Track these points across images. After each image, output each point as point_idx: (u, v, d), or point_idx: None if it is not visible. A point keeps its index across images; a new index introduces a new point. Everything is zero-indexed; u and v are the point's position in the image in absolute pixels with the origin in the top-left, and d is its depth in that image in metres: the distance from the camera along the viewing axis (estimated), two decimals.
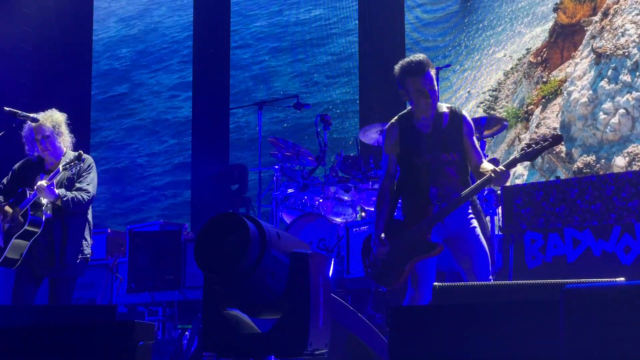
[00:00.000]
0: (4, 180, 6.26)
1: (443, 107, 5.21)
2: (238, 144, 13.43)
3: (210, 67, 13.04)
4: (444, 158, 5.06)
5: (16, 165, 6.31)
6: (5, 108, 6.12)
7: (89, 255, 6.17)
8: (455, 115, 5.16)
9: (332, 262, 7.76)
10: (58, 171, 5.92)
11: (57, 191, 5.90)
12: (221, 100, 12.76)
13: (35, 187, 5.87)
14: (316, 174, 8.88)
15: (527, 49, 11.55)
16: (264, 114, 9.49)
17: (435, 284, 4.05)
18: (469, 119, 5.25)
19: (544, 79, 11.34)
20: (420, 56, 5.16)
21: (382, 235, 5.07)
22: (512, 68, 11.66)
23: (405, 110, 5.30)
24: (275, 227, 3.74)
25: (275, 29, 14.10)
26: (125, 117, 14.97)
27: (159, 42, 15.14)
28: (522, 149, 4.95)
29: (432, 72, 5.12)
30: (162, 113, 14.61)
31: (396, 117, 5.30)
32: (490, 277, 5.16)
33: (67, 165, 5.91)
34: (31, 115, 6.11)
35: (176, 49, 14.87)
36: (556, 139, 4.88)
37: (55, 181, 5.96)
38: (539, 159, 10.49)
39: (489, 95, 11.63)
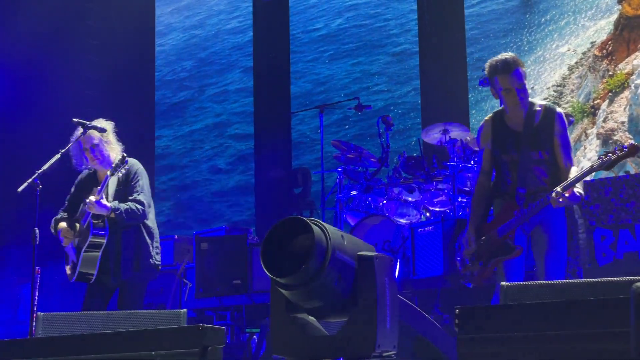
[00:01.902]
0: (68, 197, 6.34)
1: (537, 103, 5.16)
2: (300, 148, 13.48)
3: (271, 72, 13.12)
4: (532, 156, 5.02)
5: (77, 180, 6.39)
6: (73, 119, 6.23)
7: (157, 262, 6.17)
8: (548, 112, 5.09)
9: (398, 263, 7.73)
10: (107, 179, 5.90)
11: (108, 205, 5.89)
12: (282, 104, 12.83)
13: (87, 202, 5.89)
14: (379, 175, 8.86)
15: (591, 43, 11.35)
16: (325, 117, 9.51)
17: (503, 283, 4.01)
18: (564, 117, 5.15)
19: (610, 73, 11.12)
20: (508, 55, 5.15)
21: (472, 234, 5.06)
22: (576, 62, 11.47)
23: (500, 108, 5.29)
24: (340, 230, 3.75)
25: (334, 31, 14.12)
26: (188, 124, 15.15)
27: (218, 49, 15.29)
28: (599, 158, 4.85)
29: (522, 69, 5.08)
30: (224, 119, 14.74)
31: (491, 114, 5.30)
32: (567, 275, 5.12)
33: (114, 171, 5.90)
34: (99, 125, 6.21)
35: (237, 55, 15.00)
36: (633, 149, 4.73)
37: (108, 192, 5.99)
38: None
39: (554, 91, 11.46)
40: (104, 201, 5.87)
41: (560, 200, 4.71)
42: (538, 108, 5.10)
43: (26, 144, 11.02)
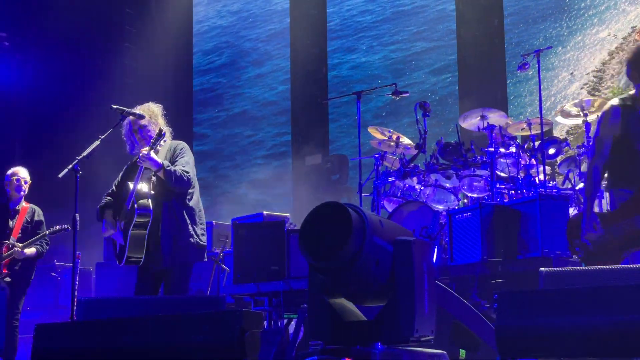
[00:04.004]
0: (115, 182, 6.40)
1: None
2: (337, 134, 13.47)
3: (308, 58, 13.12)
4: None
5: (126, 165, 6.44)
6: (112, 106, 6.29)
7: (201, 242, 6.14)
8: None
9: (435, 250, 7.70)
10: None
11: (159, 160, 5.92)
12: (319, 90, 12.83)
13: (139, 155, 5.92)
14: (417, 161, 8.83)
15: (632, 27, 11.17)
16: (363, 104, 9.49)
17: (542, 269, 3.98)
18: None
19: None
20: None
21: (597, 218, 4.96)
22: (617, 47, 11.30)
23: (626, 95, 5.15)
24: (378, 215, 3.74)
25: (371, 17, 14.06)
26: (225, 111, 15.20)
27: (255, 36, 15.31)
28: None
29: None
30: (261, 106, 14.77)
31: (617, 99, 5.13)
32: None
33: (152, 145, 5.93)
34: (137, 112, 6.26)
35: (274, 42, 15.01)
36: None
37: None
38: None
39: (593, 76, 11.31)
40: (153, 155, 5.90)
41: None
42: None
43: (67, 130, 11.15)
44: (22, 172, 8.09)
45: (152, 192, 6.02)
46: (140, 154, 5.93)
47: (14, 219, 8.02)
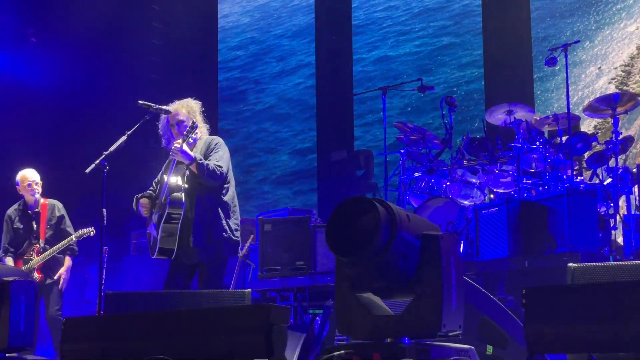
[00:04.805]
0: (155, 179, 6.41)
1: None
2: (363, 130, 13.45)
3: (333, 54, 13.10)
4: None
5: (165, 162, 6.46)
6: (139, 101, 6.31)
7: (234, 238, 6.14)
8: None
9: (461, 245, 7.67)
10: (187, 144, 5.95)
11: (191, 153, 5.94)
12: (345, 86, 12.81)
13: (172, 148, 5.94)
14: (442, 157, 8.81)
15: None
16: (388, 99, 9.47)
17: (570, 265, 3.95)
18: None
19: None
20: None
21: None
22: None
23: None
24: (404, 210, 3.73)
25: (396, 12, 14.03)
26: (250, 107, 15.23)
27: (280, 32, 15.32)
28: None
29: None
30: (286, 101, 14.78)
31: None
32: None
33: (185, 137, 5.93)
34: (164, 107, 6.28)
35: (299, 38, 15.01)
36: None
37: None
38: None
39: (621, 71, 11.21)
40: (185, 147, 5.90)
41: None
42: None
43: (93, 126, 11.22)
44: (30, 175, 8.08)
45: (186, 185, 6.03)
46: (173, 147, 5.95)
47: (37, 221, 8.07)
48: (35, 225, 8.03)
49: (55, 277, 7.97)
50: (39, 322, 7.97)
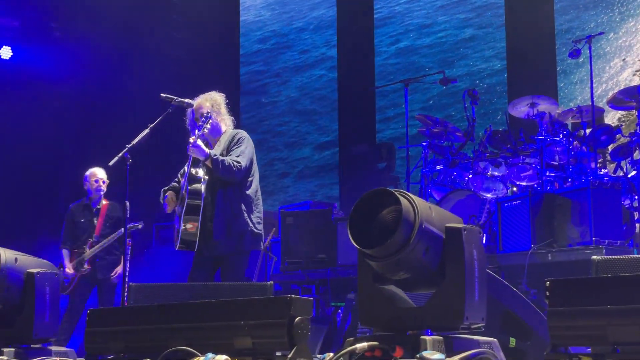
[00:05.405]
0: (181, 171, 6.41)
1: None
2: (385, 122, 13.43)
3: (355, 47, 13.08)
4: None
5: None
6: (161, 95, 6.33)
7: (257, 231, 6.13)
8: None
9: (484, 238, 7.65)
10: (202, 136, 5.95)
11: (206, 150, 5.92)
12: (366, 79, 12.78)
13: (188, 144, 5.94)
14: (465, 149, 8.78)
15: None
16: (410, 91, 9.44)
17: (594, 257, 3.93)
18: None
19: None
20: None
21: None
22: None
23: None
24: (427, 202, 3.72)
25: (417, 5, 13.98)
26: (272, 100, 15.25)
27: (302, 25, 15.31)
28: None
29: None
30: (307, 95, 14.78)
31: None
32: None
33: (199, 127, 5.93)
34: (186, 100, 6.29)
35: (320, 31, 15.00)
36: None
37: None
38: None
39: None
40: (200, 143, 5.89)
41: None
42: None
43: (116, 120, 11.27)
44: (100, 173, 8.32)
45: (207, 177, 6.04)
46: (189, 144, 5.95)
47: (97, 217, 8.33)
48: (95, 221, 8.30)
49: (113, 275, 8.24)
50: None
